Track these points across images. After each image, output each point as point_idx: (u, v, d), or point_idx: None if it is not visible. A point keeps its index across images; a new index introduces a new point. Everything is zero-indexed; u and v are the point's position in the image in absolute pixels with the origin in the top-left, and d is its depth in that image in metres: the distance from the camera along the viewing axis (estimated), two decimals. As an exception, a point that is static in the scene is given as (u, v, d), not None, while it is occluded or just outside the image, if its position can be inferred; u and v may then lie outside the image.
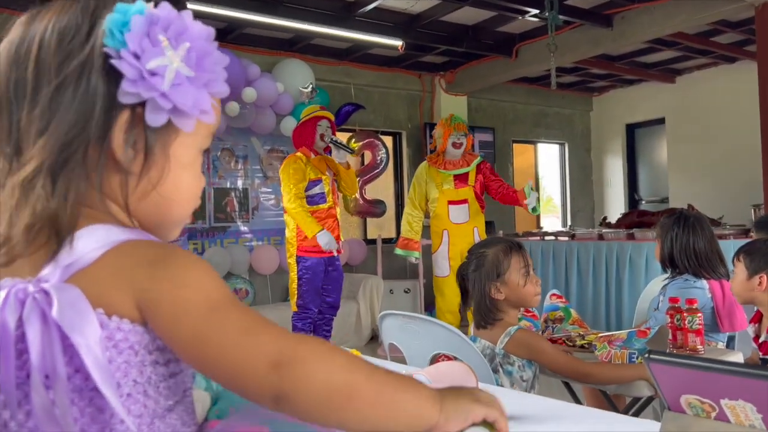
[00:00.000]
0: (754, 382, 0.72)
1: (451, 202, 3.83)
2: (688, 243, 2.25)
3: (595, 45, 5.21)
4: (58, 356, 0.53)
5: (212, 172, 5.25)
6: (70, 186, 0.58)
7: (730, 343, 2.28)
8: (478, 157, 4.01)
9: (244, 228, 5.38)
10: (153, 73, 0.58)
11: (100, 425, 0.56)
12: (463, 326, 2.14)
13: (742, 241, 2.50)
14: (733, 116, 6.41)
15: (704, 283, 2.22)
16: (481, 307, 1.76)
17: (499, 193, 3.89)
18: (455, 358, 1.66)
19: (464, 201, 3.84)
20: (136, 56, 0.58)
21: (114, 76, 0.58)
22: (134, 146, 0.60)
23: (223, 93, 0.64)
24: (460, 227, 3.83)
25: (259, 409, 0.63)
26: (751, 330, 2.08)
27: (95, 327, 0.54)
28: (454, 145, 3.78)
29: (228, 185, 5.34)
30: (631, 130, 7.84)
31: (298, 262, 3.62)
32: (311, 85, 4.45)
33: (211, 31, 0.64)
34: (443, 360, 1.63)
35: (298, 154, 3.67)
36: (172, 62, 0.59)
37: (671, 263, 2.30)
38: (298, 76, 5.03)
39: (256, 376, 0.56)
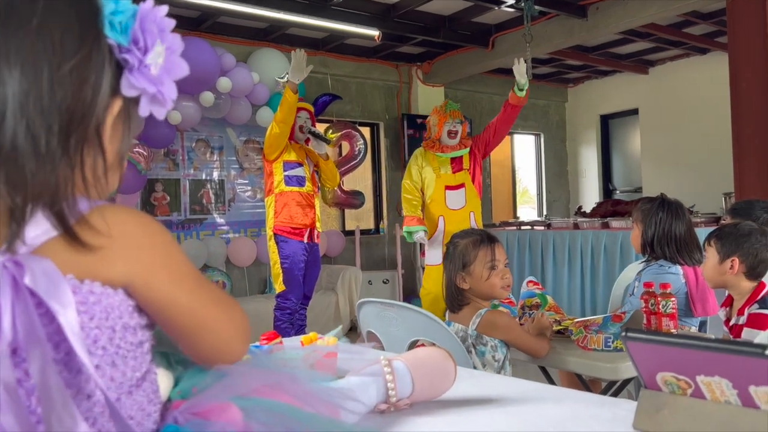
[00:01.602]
0: (730, 357, 0.73)
1: (448, 187, 3.72)
2: (670, 228, 2.28)
3: (569, 36, 5.24)
4: (35, 322, 0.54)
5: (187, 163, 5.18)
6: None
7: (702, 328, 2.32)
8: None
9: (220, 220, 5.32)
10: (147, 67, 0.61)
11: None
12: None
13: (704, 229, 2.54)
14: (705, 106, 6.52)
15: (679, 268, 2.26)
16: (448, 294, 1.84)
17: (494, 126, 3.73)
18: (433, 344, 1.67)
19: (461, 185, 3.73)
20: (142, 50, 0.61)
21: (115, 67, 0.61)
22: (114, 131, 0.64)
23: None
24: (457, 213, 3.71)
25: (224, 388, 0.67)
26: (722, 314, 2.11)
27: (69, 294, 0.55)
28: (449, 133, 3.67)
29: (203, 177, 5.27)
30: (605, 120, 7.94)
31: (277, 243, 3.60)
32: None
33: (173, 22, 0.66)
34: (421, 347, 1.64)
35: None
36: (160, 56, 0.62)
37: (651, 249, 2.32)
38: (273, 66, 4.97)
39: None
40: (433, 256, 3.75)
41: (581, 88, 8.00)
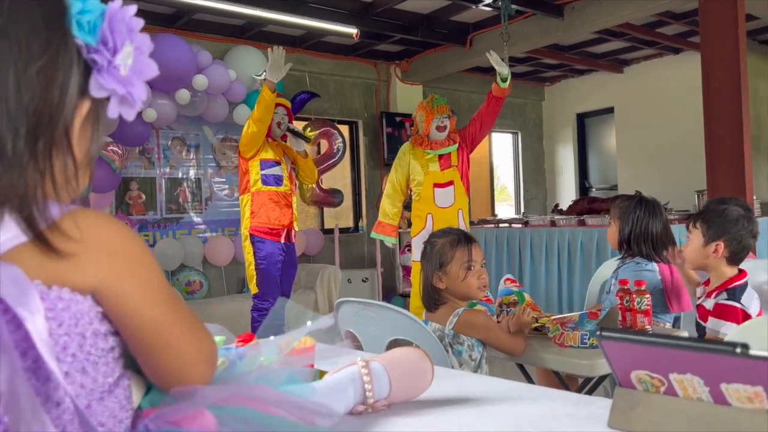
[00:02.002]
0: (701, 355, 0.74)
1: (437, 185, 3.65)
2: (647, 226, 2.32)
3: (546, 35, 5.29)
4: (2, 329, 0.53)
5: (163, 161, 5.12)
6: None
7: (676, 323, 2.36)
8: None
9: (197, 219, 5.27)
10: (116, 67, 0.60)
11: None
12: None
13: (680, 226, 2.57)
14: (678, 105, 6.63)
15: (655, 266, 2.29)
16: (425, 293, 1.84)
17: (480, 119, 3.67)
18: (411, 344, 1.67)
19: (450, 183, 3.67)
20: (110, 51, 0.59)
21: (83, 67, 0.60)
22: (83, 132, 0.63)
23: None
24: (445, 211, 3.65)
25: (196, 398, 0.65)
26: (700, 291, 2.14)
27: (37, 301, 0.54)
28: (438, 128, 3.60)
29: (180, 175, 5.21)
30: (582, 119, 8.03)
31: (253, 243, 3.54)
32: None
33: (142, 22, 0.65)
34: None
35: None
36: (130, 57, 0.61)
37: (627, 245, 2.35)
38: (250, 64, 4.93)
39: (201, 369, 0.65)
40: (418, 254, 3.73)
41: (558, 86, 8.08)
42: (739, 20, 4.11)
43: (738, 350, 0.69)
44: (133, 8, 0.62)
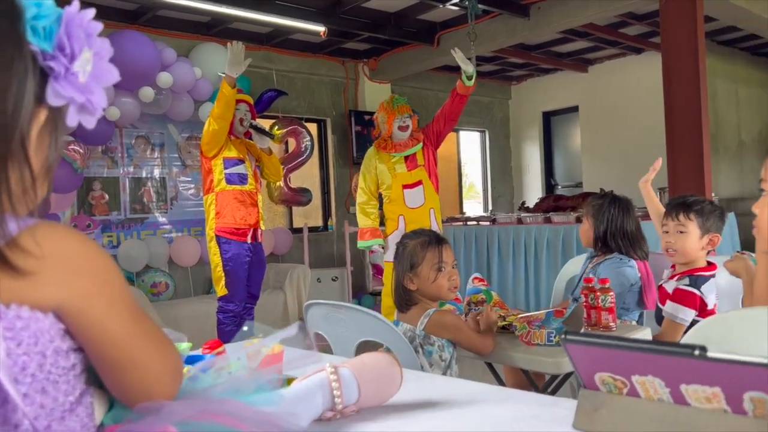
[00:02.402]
0: (661, 358, 0.75)
1: (405, 186, 3.64)
2: (622, 224, 2.36)
3: (512, 34, 5.34)
4: None
5: (126, 161, 5.01)
6: None
7: (640, 319, 2.41)
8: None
9: (162, 219, 5.18)
10: (74, 74, 0.58)
11: None
12: None
13: (650, 222, 2.63)
14: (640, 104, 6.78)
15: (634, 262, 2.33)
16: (397, 294, 1.84)
17: (444, 115, 3.66)
18: (381, 345, 1.67)
19: (418, 183, 3.65)
20: (68, 57, 0.57)
21: (39, 75, 0.58)
22: (40, 142, 0.61)
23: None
24: (417, 211, 3.64)
25: (161, 415, 0.64)
26: (666, 273, 2.18)
27: None
28: (400, 128, 3.59)
29: (144, 174, 5.12)
30: (547, 117, 8.15)
31: (219, 245, 3.48)
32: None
33: (101, 26, 0.62)
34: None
35: None
36: (88, 63, 0.59)
37: (603, 243, 2.38)
38: (217, 61, 4.86)
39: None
40: (390, 254, 3.66)
41: (524, 85, 8.18)
42: (698, 21, 4.22)
43: (696, 353, 0.71)
44: (91, 12, 0.60)
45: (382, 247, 3.70)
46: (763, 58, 7.43)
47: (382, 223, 3.79)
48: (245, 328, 1.02)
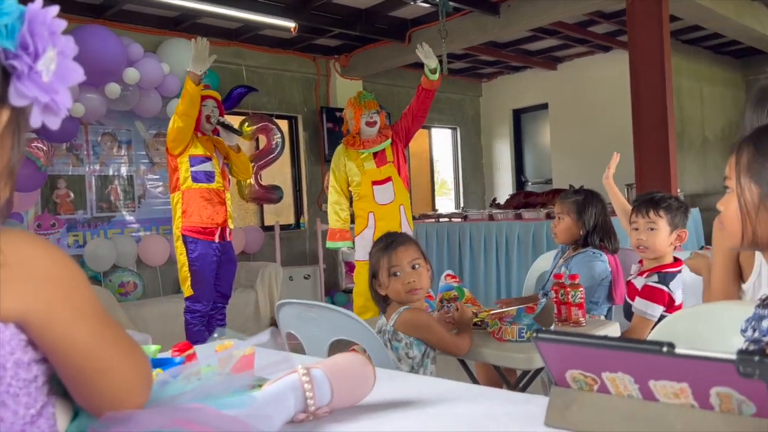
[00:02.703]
0: (631, 355, 0.76)
1: (375, 183, 3.60)
2: (603, 219, 2.41)
3: (483, 32, 5.38)
4: None
5: (92, 158, 4.90)
6: None
7: (608, 314, 2.45)
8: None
9: (129, 217, 5.08)
10: (38, 73, 0.56)
11: None
12: None
13: (615, 218, 2.67)
14: (608, 101, 6.89)
15: (605, 257, 2.37)
16: (373, 298, 1.86)
17: (411, 112, 3.64)
18: (355, 345, 1.67)
19: (388, 179, 3.61)
20: (31, 56, 0.55)
21: (1, 74, 0.56)
22: (2, 144, 0.59)
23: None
24: (387, 208, 3.60)
25: (129, 424, 0.62)
26: (634, 269, 2.22)
27: None
28: (367, 124, 3.55)
29: (111, 172, 5.01)
30: (518, 114, 8.23)
31: (185, 244, 3.42)
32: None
33: (65, 24, 0.60)
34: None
35: None
36: (52, 62, 0.57)
37: (586, 239, 2.41)
38: (185, 57, 4.76)
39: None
40: (364, 252, 3.63)
41: (495, 83, 8.24)
42: (664, 20, 4.31)
43: (664, 349, 0.72)
44: (54, 9, 0.58)
45: (351, 248, 3.69)
46: (725, 57, 7.62)
47: (353, 221, 3.76)
48: (216, 335, 1.00)
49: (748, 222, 0.94)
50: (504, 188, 8.07)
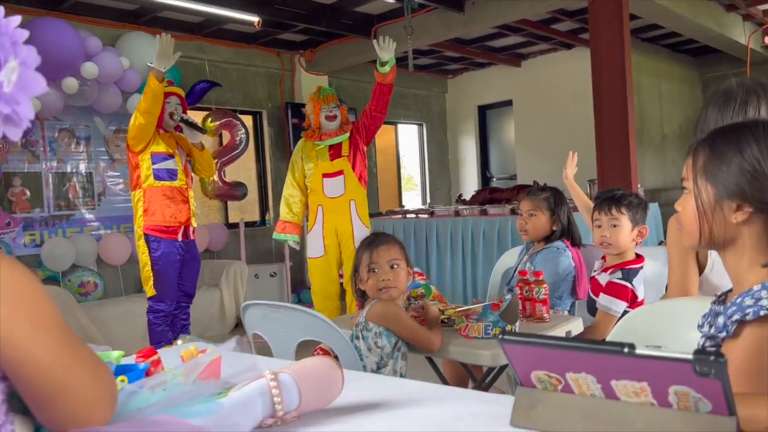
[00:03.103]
0: (593, 355, 0.78)
1: (325, 175, 3.57)
2: (571, 214, 2.47)
3: (448, 29, 5.40)
4: None
5: (49, 155, 4.76)
6: None
7: (571, 309, 2.50)
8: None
9: (89, 216, 4.96)
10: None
11: None
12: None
13: (578, 214, 2.72)
14: (571, 98, 7.00)
15: (569, 252, 2.41)
16: (354, 292, 1.94)
17: (369, 110, 3.61)
18: (321, 348, 1.66)
19: (339, 173, 3.57)
20: None
21: None
22: None
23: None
24: (335, 201, 3.56)
25: None
26: (597, 265, 2.27)
27: None
28: (327, 118, 3.54)
29: (69, 169, 4.87)
30: (483, 111, 8.30)
31: (148, 243, 3.35)
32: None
33: (26, 33, 0.59)
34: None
35: None
36: (14, 72, 0.56)
37: (561, 235, 2.46)
38: (145, 51, 4.67)
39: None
40: (315, 249, 3.60)
41: (460, 79, 8.29)
42: (624, 19, 4.39)
43: (625, 350, 0.74)
44: (17, 19, 0.56)
45: (297, 243, 3.69)
46: (683, 55, 7.83)
47: (308, 218, 3.75)
48: (180, 341, 0.99)
49: (705, 222, 0.97)
50: (469, 184, 8.14)
